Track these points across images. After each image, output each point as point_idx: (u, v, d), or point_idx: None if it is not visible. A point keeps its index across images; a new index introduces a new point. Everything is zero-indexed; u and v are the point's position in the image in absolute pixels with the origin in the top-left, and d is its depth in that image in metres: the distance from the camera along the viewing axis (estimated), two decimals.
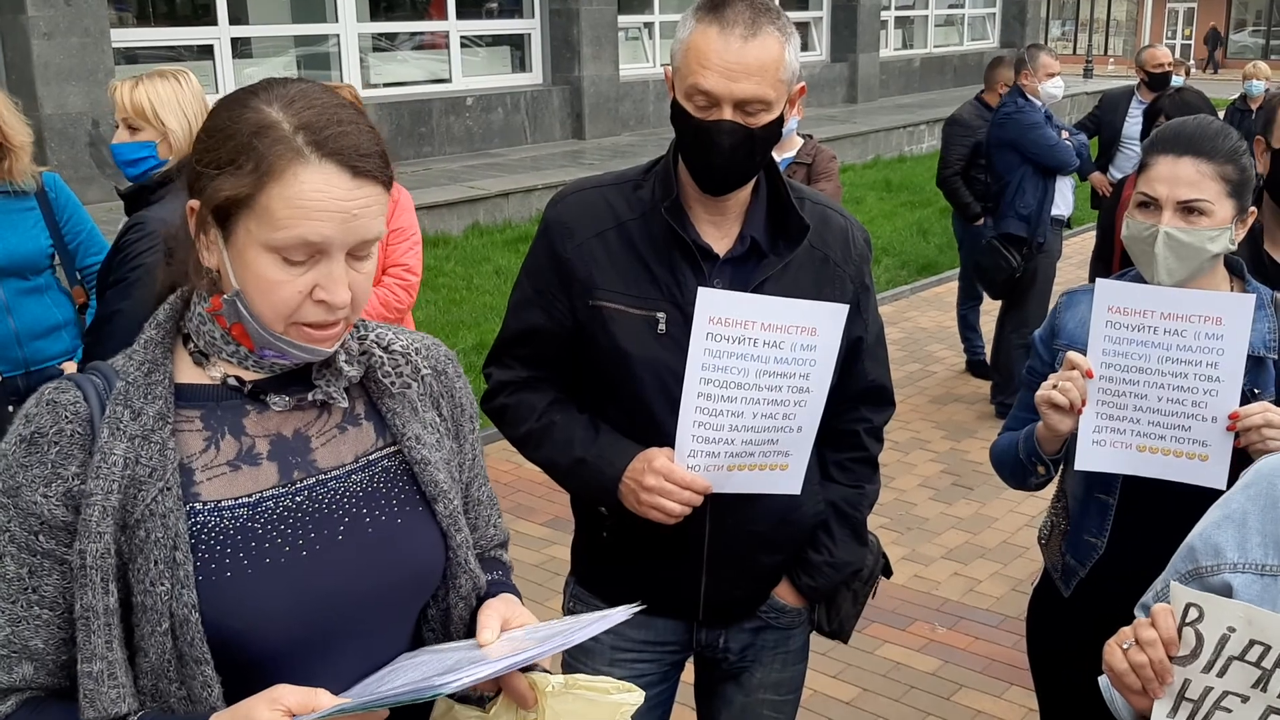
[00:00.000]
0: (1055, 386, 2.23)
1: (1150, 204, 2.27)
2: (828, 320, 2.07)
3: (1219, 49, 39.18)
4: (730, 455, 2.11)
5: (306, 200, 1.34)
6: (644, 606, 1.59)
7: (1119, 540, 2.41)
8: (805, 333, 2.06)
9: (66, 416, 1.38)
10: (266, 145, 1.35)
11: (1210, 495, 2.16)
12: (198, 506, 1.41)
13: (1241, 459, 2.17)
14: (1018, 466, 2.46)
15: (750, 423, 2.09)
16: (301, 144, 1.35)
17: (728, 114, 2.04)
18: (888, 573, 2.60)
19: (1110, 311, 2.20)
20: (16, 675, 1.36)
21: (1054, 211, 6.84)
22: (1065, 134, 6.84)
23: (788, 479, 2.18)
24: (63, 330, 3.97)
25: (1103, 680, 1.74)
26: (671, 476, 2.09)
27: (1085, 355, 2.24)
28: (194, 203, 1.42)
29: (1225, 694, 1.55)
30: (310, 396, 1.49)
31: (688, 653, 2.46)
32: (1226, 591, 1.66)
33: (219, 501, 1.42)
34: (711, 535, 2.25)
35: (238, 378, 1.47)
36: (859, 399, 2.37)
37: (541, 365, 2.31)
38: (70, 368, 3.95)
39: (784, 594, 2.40)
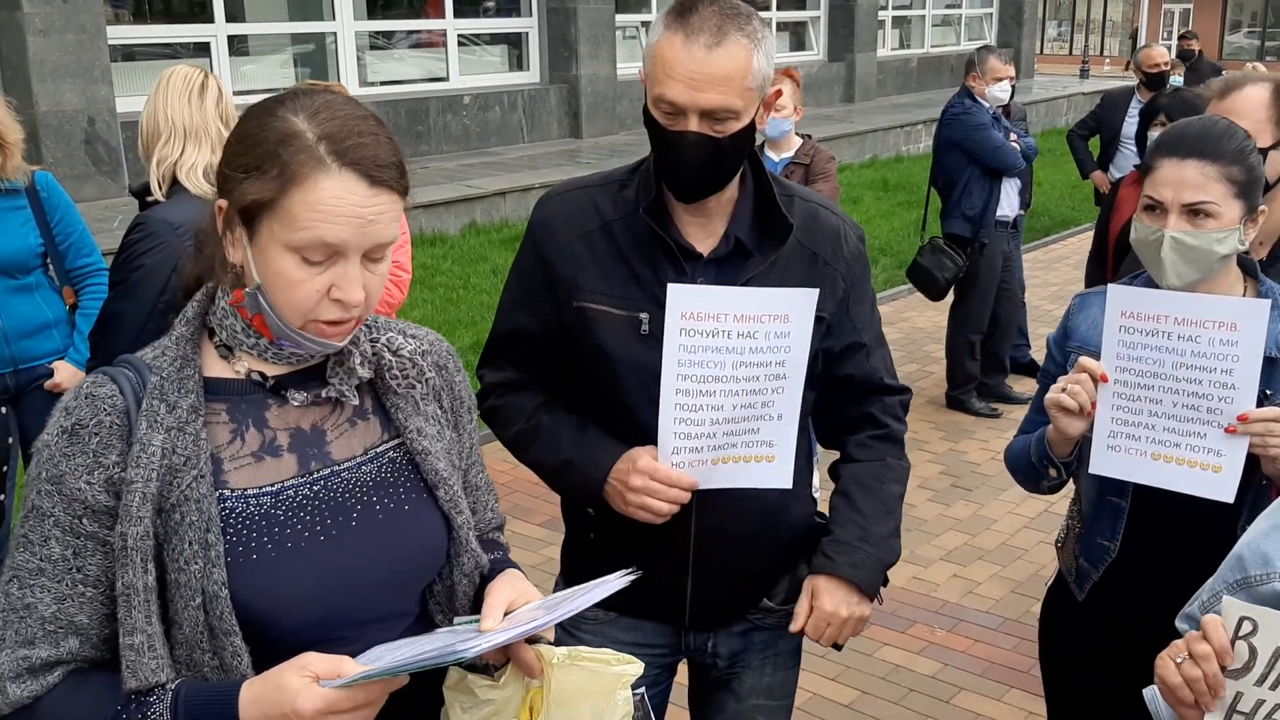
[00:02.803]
0: (1064, 389, 2.22)
1: (1156, 207, 2.25)
2: (799, 305, 2.06)
3: (1133, 54, 39.47)
4: (713, 449, 2.10)
5: (326, 205, 1.45)
6: (639, 573, 1.64)
7: (1131, 543, 2.40)
8: (778, 320, 2.05)
9: (105, 409, 1.48)
10: (290, 153, 1.45)
11: (1226, 503, 2.15)
12: (226, 493, 1.51)
13: (1250, 471, 2.16)
14: (1030, 469, 2.45)
15: (730, 414, 2.08)
16: (323, 153, 1.45)
17: (694, 125, 2.01)
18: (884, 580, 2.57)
19: (1123, 316, 2.18)
20: (64, 649, 1.47)
21: (999, 213, 6.92)
22: (1015, 137, 6.92)
23: (775, 471, 2.15)
24: (53, 329, 3.94)
25: (1148, 692, 1.74)
26: (656, 475, 2.08)
27: (1098, 358, 2.23)
28: (222, 202, 1.52)
29: (1278, 706, 1.55)
30: (325, 393, 1.61)
31: (679, 656, 2.44)
32: (1278, 601, 1.65)
33: (245, 490, 1.53)
34: (696, 537, 2.23)
35: (260, 372, 1.58)
36: (871, 392, 2.33)
37: (531, 367, 2.30)
38: (60, 366, 3.94)
39: (829, 601, 2.19)
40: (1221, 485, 2.15)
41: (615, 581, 1.59)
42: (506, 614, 1.58)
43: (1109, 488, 2.38)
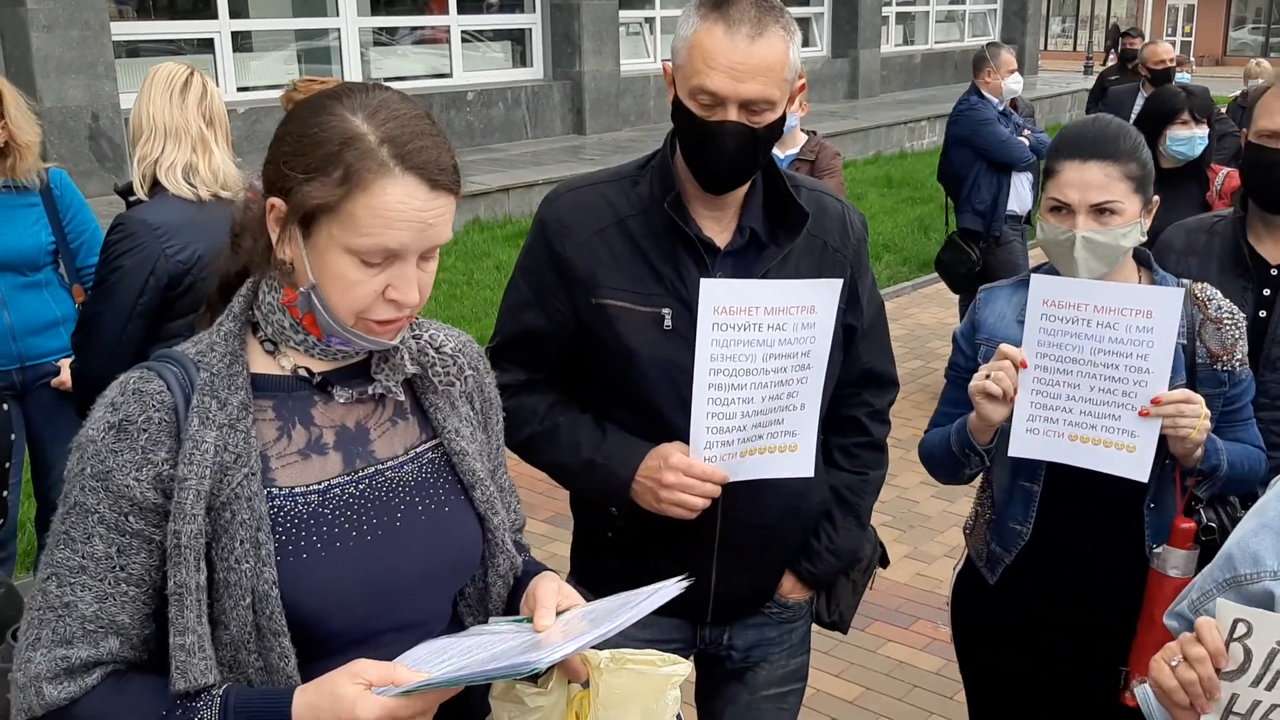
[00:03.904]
0: (988, 376, 2.29)
1: (1063, 208, 2.35)
2: (825, 296, 2.09)
3: (1113, 48, 39.44)
4: (743, 441, 2.12)
5: (390, 211, 1.45)
6: (693, 579, 1.62)
7: (1044, 527, 2.48)
8: (805, 311, 2.07)
9: (154, 405, 1.46)
10: (355, 156, 1.44)
11: (1133, 482, 2.28)
12: (275, 491, 1.50)
13: (1157, 452, 2.25)
14: (950, 459, 2.50)
15: (760, 406, 2.09)
16: (387, 157, 1.45)
17: (733, 114, 2.03)
18: (884, 563, 2.61)
19: (1045, 304, 2.26)
20: (104, 649, 1.44)
21: (1010, 207, 7.04)
22: (1026, 131, 7.05)
23: (799, 460, 2.18)
24: (61, 327, 3.94)
25: (1140, 691, 1.74)
26: (691, 471, 2.09)
27: (1010, 348, 2.31)
28: (276, 201, 1.50)
29: (1274, 707, 1.55)
30: (370, 390, 1.60)
31: (691, 651, 2.45)
32: (1268, 599, 1.66)
33: (293, 488, 1.52)
34: (722, 530, 2.24)
35: (306, 368, 1.57)
36: (859, 383, 2.39)
37: (540, 367, 2.29)
38: (67, 364, 3.94)
39: (787, 588, 2.40)
40: (1136, 464, 2.25)
41: (671, 588, 1.55)
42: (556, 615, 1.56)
43: (1022, 473, 2.47)
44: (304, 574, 1.47)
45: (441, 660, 1.46)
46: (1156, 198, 2.41)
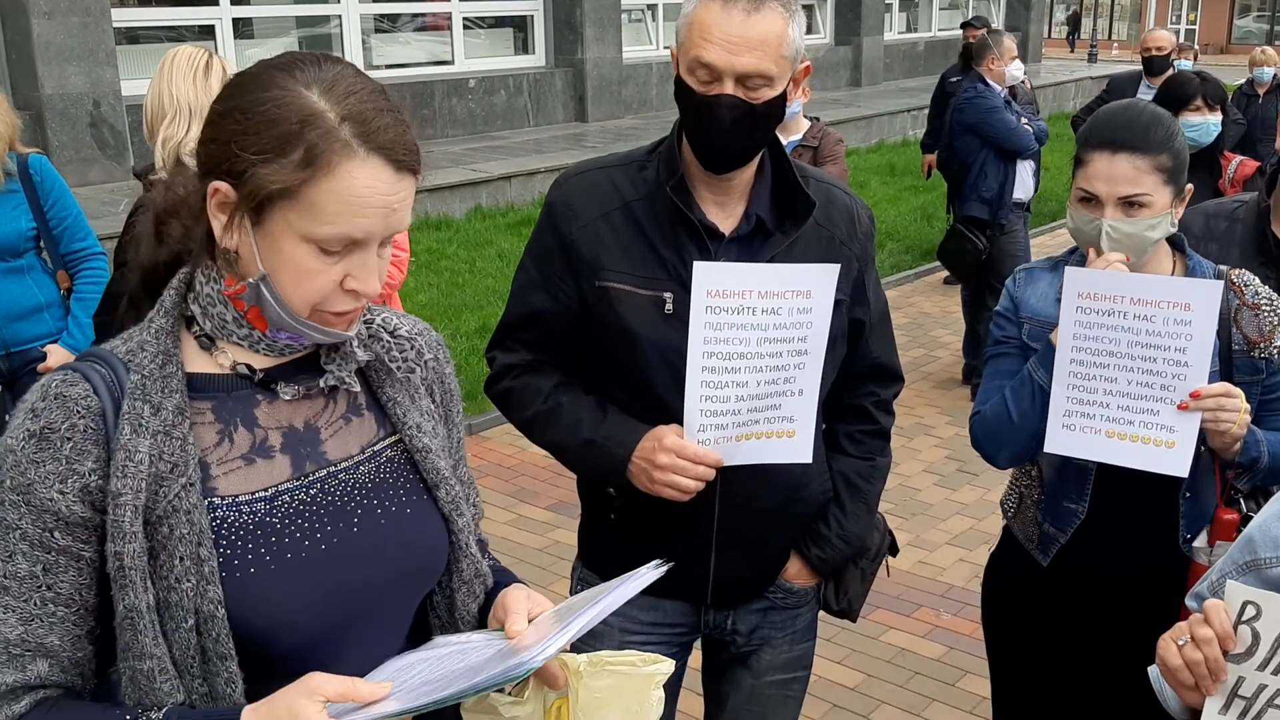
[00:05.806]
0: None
1: (1091, 199, 2.30)
2: (822, 281, 2.08)
3: (1073, 34, 39.37)
4: (737, 425, 2.11)
5: (356, 196, 1.34)
6: (671, 564, 1.57)
7: (1099, 504, 2.44)
8: (801, 296, 2.06)
9: (79, 411, 1.34)
10: (317, 136, 1.32)
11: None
12: (216, 501, 1.39)
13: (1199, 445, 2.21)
14: (1030, 402, 2.34)
15: (755, 390, 2.09)
16: (350, 137, 1.34)
17: (729, 88, 2.03)
18: (894, 551, 2.60)
19: (1080, 297, 2.23)
20: (31, 673, 1.33)
21: (1015, 195, 7.07)
22: (1025, 120, 7.08)
23: (796, 446, 2.17)
24: (44, 312, 3.95)
25: (1152, 671, 1.74)
26: (684, 453, 2.09)
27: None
28: (220, 185, 1.37)
29: (1279, 692, 1.54)
30: (321, 383, 1.49)
31: (696, 635, 2.46)
32: None
33: (236, 496, 1.41)
34: (720, 514, 2.24)
35: (247, 365, 1.45)
36: (866, 376, 2.39)
37: (545, 348, 2.30)
38: (53, 350, 3.95)
39: (793, 573, 2.39)
40: (1175, 460, 2.22)
41: (647, 574, 1.50)
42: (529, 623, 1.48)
43: None
44: (252, 590, 1.36)
45: (410, 676, 1.37)
46: (1190, 186, 2.36)
